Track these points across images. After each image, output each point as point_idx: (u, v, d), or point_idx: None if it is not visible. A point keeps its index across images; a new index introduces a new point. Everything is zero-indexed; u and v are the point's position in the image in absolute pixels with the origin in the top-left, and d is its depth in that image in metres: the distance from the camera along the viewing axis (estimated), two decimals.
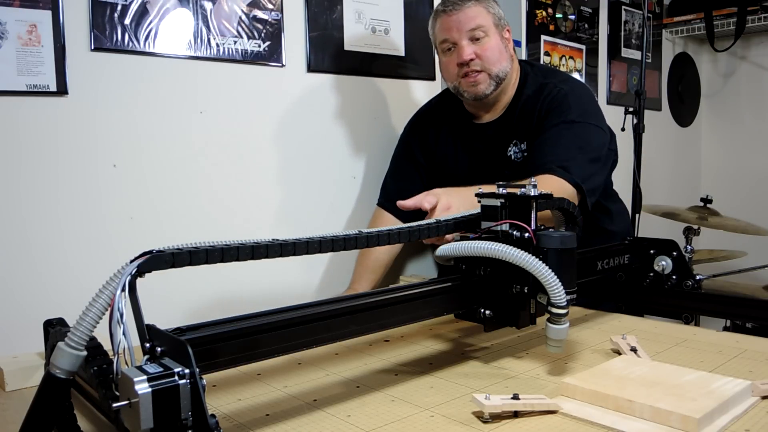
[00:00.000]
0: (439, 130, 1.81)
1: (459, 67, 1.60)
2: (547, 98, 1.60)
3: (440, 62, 1.69)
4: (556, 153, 1.50)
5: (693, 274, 1.43)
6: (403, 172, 1.87)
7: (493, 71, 1.59)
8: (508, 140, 1.67)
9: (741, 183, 3.44)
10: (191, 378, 0.68)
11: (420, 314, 1.06)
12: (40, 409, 0.74)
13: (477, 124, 1.74)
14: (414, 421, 0.88)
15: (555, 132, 1.54)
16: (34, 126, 1.37)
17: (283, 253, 0.88)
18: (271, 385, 1.03)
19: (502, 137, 1.68)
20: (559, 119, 1.55)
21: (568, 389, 0.94)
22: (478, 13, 1.58)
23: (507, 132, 1.68)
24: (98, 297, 0.72)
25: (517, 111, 1.66)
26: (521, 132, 1.65)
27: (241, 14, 1.66)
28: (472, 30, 1.57)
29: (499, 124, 1.70)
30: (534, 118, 1.61)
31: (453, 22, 1.58)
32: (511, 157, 1.67)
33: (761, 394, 0.92)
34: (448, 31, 1.59)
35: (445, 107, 1.81)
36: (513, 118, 1.67)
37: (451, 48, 1.61)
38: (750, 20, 3.08)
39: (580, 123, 1.55)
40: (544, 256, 1.01)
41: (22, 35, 1.33)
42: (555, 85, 1.62)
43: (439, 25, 1.62)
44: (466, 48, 1.57)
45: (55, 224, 1.40)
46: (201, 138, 1.62)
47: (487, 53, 1.58)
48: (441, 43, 1.63)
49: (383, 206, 1.88)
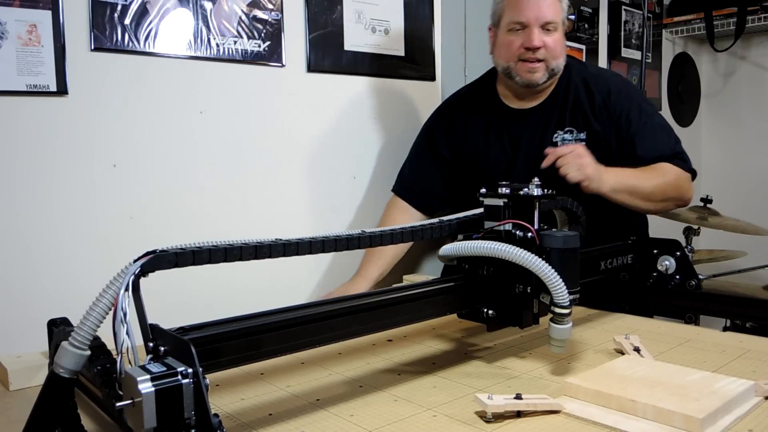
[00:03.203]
0: (469, 119, 1.78)
1: (522, 50, 1.60)
2: (603, 89, 1.65)
3: (498, 39, 1.67)
4: (663, 142, 1.61)
5: (696, 274, 1.43)
6: (422, 163, 1.86)
7: (551, 64, 1.61)
8: (555, 126, 1.68)
9: (741, 183, 3.44)
10: (194, 377, 0.68)
11: (423, 314, 1.06)
12: (43, 408, 0.74)
13: (516, 109, 1.73)
14: (417, 421, 0.88)
15: (642, 123, 1.62)
16: (34, 126, 1.37)
17: (286, 252, 0.88)
18: (274, 385, 1.03)
19: (547, 123, 1.68)
20: (636, 110, 1.63)
21: (571, 389, 0.94)
22: (557, 9, 1.60)
23: (553, 118, 1.68)
24: (102, 297, 0.72)
25: (563, 99, 1.68)
26: (573, 120, 1.66)
27: (241, 14, 1.66)
28: (546, 23, 1.58)
29: (543, 109, 1.69)
30: (587, 107, 1.64)
31: (534, 6, 1.58)
32: (557, 143, 1.66)
33: (764, 394, 0.92)
34: (524, 14, 1.58)
35: (476, 95, 1.80)
36: (558, 106, 1.68)
37: (519, 29, 1.60)
38: (750, 20, 3.08)
39: (651, 109, 1.67)
40: (547, 256, 1.01)
41: (22, 35, 1.33)
42: (605, 78, 1.69)
43: (516, 2, 1.60)
44: (537, 35, 1.58)
45: (56, 224, 1.40)
46: (201, 138, 1.62)
47: (552, 45, 1.59)
48: (511, 22, 1.61)
49: (398, 193, 1.87)
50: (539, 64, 1.60)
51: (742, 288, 2.56)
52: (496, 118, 1.75)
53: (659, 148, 1.59)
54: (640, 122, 1.61)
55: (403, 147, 2.05)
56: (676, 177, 1.58)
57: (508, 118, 1.73)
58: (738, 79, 3.51)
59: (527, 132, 1.71)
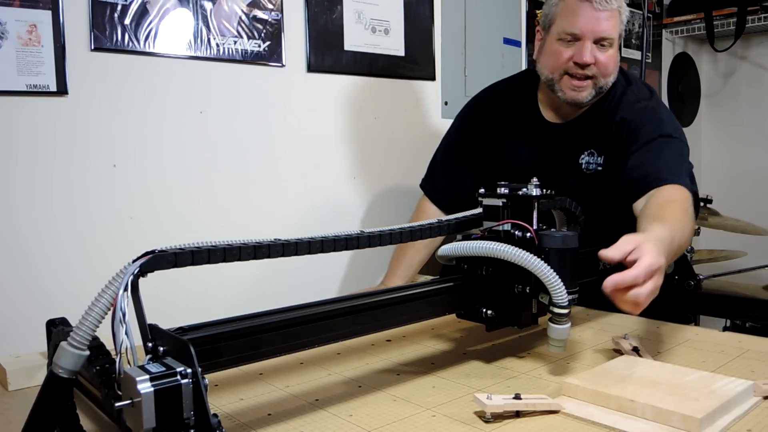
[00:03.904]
0: (502, 119, 1.67)
1: (571, 64, 1.46)
2: (632, 111, 1.50)
3: (545, 45, 1.52)
4: (667, 164, 1.40)
5: (695, 273, 1.43)
6: (454, 161, 1.75)
7: (600, 82, 1.48)
8: (582, 147, 1.56)
9: (741, 183, 3.44)
10: (193, 377, 0.68)
11: (422, 314, 1.06)
12: (42, 408, 0.74)
13: (549, 122, 1.61)
14: (416, 421, 0.88)
15: (657, 145, 1.44)
16: (34, 126, 1.37)
17: (285, 252, 0.88)
18: (273, 385, 1.03)
19: (575, 142, 1.57)
20: (656, 133, 1.45)
21: (569, 389, 0.94)
22: (615, 24, 1.45)
23: (582, 137, 1.56)
24: (101, 297, 0.72)
25: (595, 117, 1.55)
26: (597, 141, 1.54)
27: (241, 14, 1.66)
28: (602, 38, 1.44)
29: (575, 127, 1.57)
30: (612, 128, 1.51)
31: (591, 18, 1.43)
32: (581, 165, 1.55)
33: (763, 394, 0.92)
34: (578, 25, 1.43)
35: (514, 96, 1.67)
36: (589, 124, 1.55)
37: (571, 41, 1.46)
38: (750, 20, 3.08)
39: (677, 139, 1.46)
40: (546, 256, 1.01)
41: (22, 35, 1.33)
42: (638, 99, 1.52)
43: (573, 10, 1.45)
44: (590, 50, 1.44)
45: (55, 224, 1.40)
46: (201, 138, 1.62)
47: (604, 62, 1.46)
48: (563, 32, 1.46)
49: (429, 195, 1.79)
50: (587, 82, 1.47)
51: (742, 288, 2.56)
52: (530, 126, 1.63)
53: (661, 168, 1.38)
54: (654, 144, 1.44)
55: (402, 147, 2.05)
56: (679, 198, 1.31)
57: (540, 130, 1.62)
58: (738, 79, 3.51)
59: (553, 148, 1.60)
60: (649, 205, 1.29)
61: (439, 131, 1.82)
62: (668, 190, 1.32)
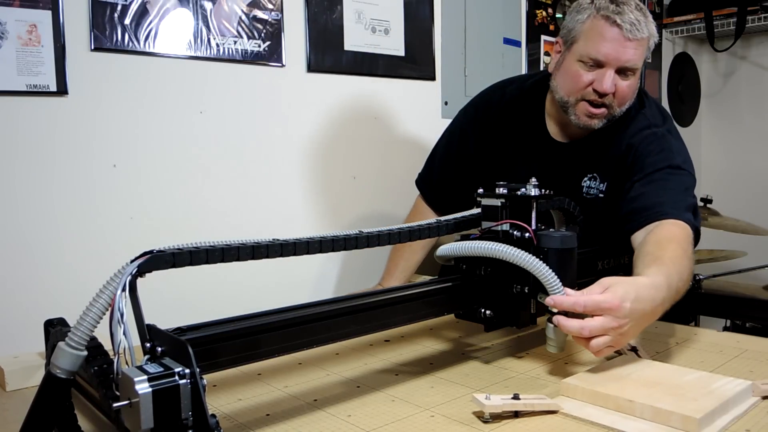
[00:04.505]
0: (506, 129, 1.59)
1: (590, 90, 1.37)
2: (640, 138, 1.42)
3: (564, 63, 1.42)
4: (671, 197, 1.32)
5: (694, 274, 1.43)
6: (453, 163, 1.70)
7: (617, 111, 1.40)
8: (585, 170, 1.50)
9: (741, 183, 3.44)
10: (192, 378, 0.68)
11: (420, 314, 1.06)
12: (40, 408, 0.74)
13: (553, 140, 1.53)
14: (414, 421, 0.88)
15: (662, 176, 1.36)
16: (34, 126, 1.37)
17: (283, 253, 0.88)
18: (272, 385, 1.03)
19: (578, 164, 1.50)
20: (663, 163, 1.38)
21: (568, 389, 0.94)
22: (642, 53, 1.36)
23: (585, 160, 1.50)
24: (99, 297, 0.72)
25: (601, 140, 1.47)
26: (601, 166, 1.48)
27: (241, 14, 1.66)
28: (627, 68, 1.35)
29: (579, 148, 1.50)
30: (618, 154, 1.44)
31: (618, 46, 1.32)
32: (582, 189, 1.49)
33: (762, 394, 0.92)
34: (603, 52, 1.33)
35: (522, 109, 1.58)
36: (595, 147, 1.48)
37: (593, 65, 1.36)
38: (750, 20, 3.07)
39: (684, 171, 1.39)
40: (544, 256, 1.01)
41: (22, 35, 1.33)
42: (649, 124, 1.44)
43: (600, 34, 1.33)
44: (611, 79, 1.35)
45: (55, 224, 1.40)
46: (201, 138, 1.62)
47: (624, 92, 1.38)
48: (586, 55, 1.36)
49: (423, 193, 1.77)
50: (602, 110, 1.39)
51: (742, 288, 2.56)
52: (533, 141, 1.56)
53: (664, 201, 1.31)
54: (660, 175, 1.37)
55: (402, 147, 2.05)
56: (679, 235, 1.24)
57: (543, 146, 1.55)
58: (738, 79, 3.51)
59: (555, 168, 1.52)
60: (648, 241, 1.22)
61: (439, 131, 1.81)
62: (669, 226, 1.25)
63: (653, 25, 1.37)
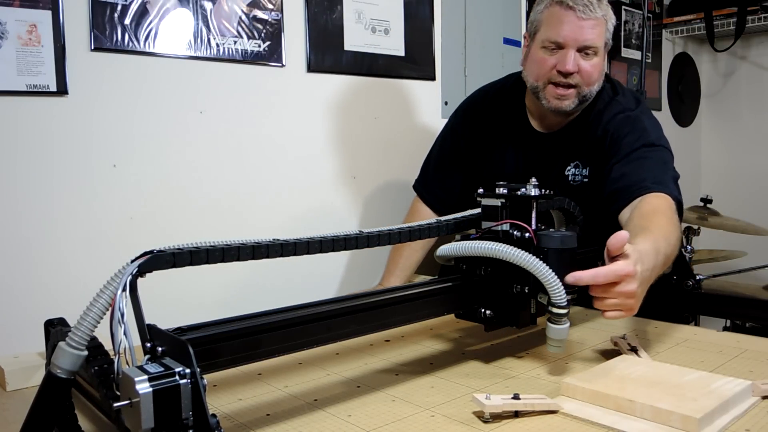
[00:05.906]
0: (492, 125, 1.67)
1: (555, 72, 1.46)
2: (614, 122, 1.50)
3: (531, 53, 1.52)
4: (650, 173, 1.38)
5: (693, 273, 1.43)
6: (447, 165, 1.77)
7: (584, 91, 1.48)
8: (569, 158, 1.57)
9: (741, 183, 3.44)
10: (192, 378, 0.68)
11: (421, 314, 1.06)
12: (41, 408, 0.74)
13: (536, 131, 1.61)
14: (414, 421, 0.88)
15: (639, 154, 1.44)
16: (34, 126, 1.37)
17: (283, 253, 0.88)
18: (272, 385, 1.03)
19: (561, 153, 1.57)
20: (639, 142, 1.45)
21: (568, 389, 0.94)
22: (600, 32, 1.45)
23: (567, 149, 1.57)
24: (99, 297, 0.72)
25: (580, 128, 1.55)
26: (582, 153, 1.55)
27: (241, 14, 1.66)
28: (586, 47, 1.44)
29: (560, 138, 1.58)
30: (595, 140, 1.51)
31: (575, 26, 1.42)
32: (568, 177, 1.56)
33: (761, 394, 0.92)
34: (562, 33, 1.43)
35: (504, 103, 1.67)
36: (574, 135, 1.56)
37: (554, 49, 1.45)
38: (750, 20, 3.08)
39: (660, 146, 1.47)
40: (544, 256, 1.01)
41: (22, 35, 1.33)
42: (622, 109, 1.52)
43: (557, 18, 1.44)
44: (572, 59, 1.44)
45: (55, 224, 1.40)
46: (201, 138, 1.62)
47: (588, 71, 1.45)
48: (546, 39, 1.45)
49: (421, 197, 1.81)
50: (570, 91, 1.47)
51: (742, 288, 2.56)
52: (517, 134, 1.64)
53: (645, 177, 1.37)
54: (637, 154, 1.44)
55: (402, 147, 2.05)
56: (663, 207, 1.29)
57: (527, 138, 1.62)
58: (738, 79, 3.51)
59: (540, 158, 1.60)
60: (634, 215, 1.27)
61: (439, 131, 1.82)
62: (652, 198, 1.31)
63: (608, 8, 1.47)
